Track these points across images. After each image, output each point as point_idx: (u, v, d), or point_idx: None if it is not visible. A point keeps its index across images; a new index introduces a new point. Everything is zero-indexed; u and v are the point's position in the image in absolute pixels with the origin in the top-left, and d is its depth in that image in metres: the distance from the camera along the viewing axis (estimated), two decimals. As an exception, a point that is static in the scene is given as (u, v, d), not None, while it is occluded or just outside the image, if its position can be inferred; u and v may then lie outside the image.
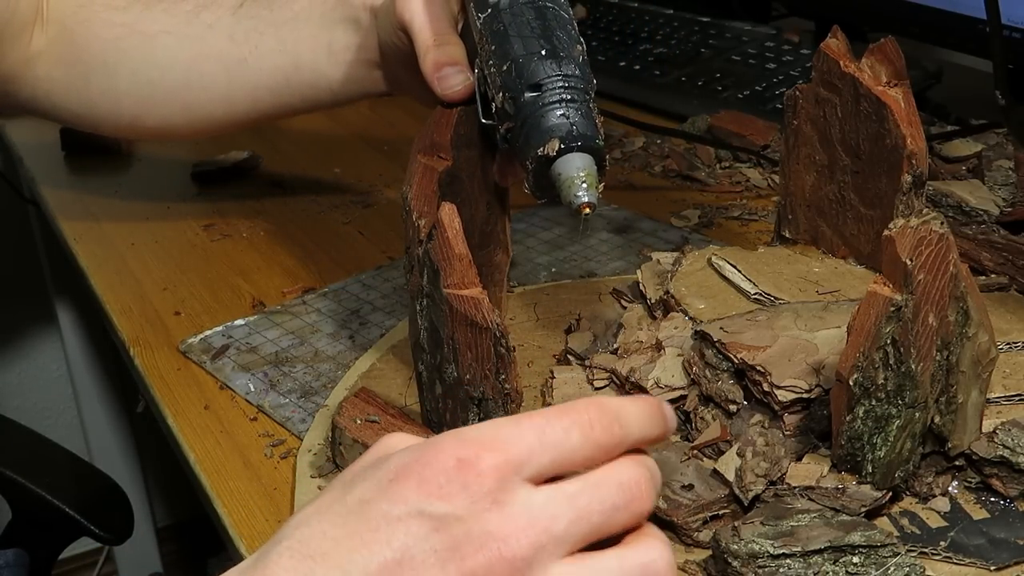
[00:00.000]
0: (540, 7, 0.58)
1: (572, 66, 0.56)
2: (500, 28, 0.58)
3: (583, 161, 0.54)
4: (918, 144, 0.64)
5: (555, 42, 0.57)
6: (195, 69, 0.76)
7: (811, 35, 1.20)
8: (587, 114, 0.55)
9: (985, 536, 0.51)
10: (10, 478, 0.99)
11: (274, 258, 0.87)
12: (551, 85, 0.55)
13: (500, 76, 0.57)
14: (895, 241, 0.48)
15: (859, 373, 0.50)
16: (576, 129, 0.54)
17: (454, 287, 0.52)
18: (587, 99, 0.56)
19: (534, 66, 0.55)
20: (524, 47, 0.56)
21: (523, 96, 0.55)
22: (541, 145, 0.54)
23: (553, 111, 0.54)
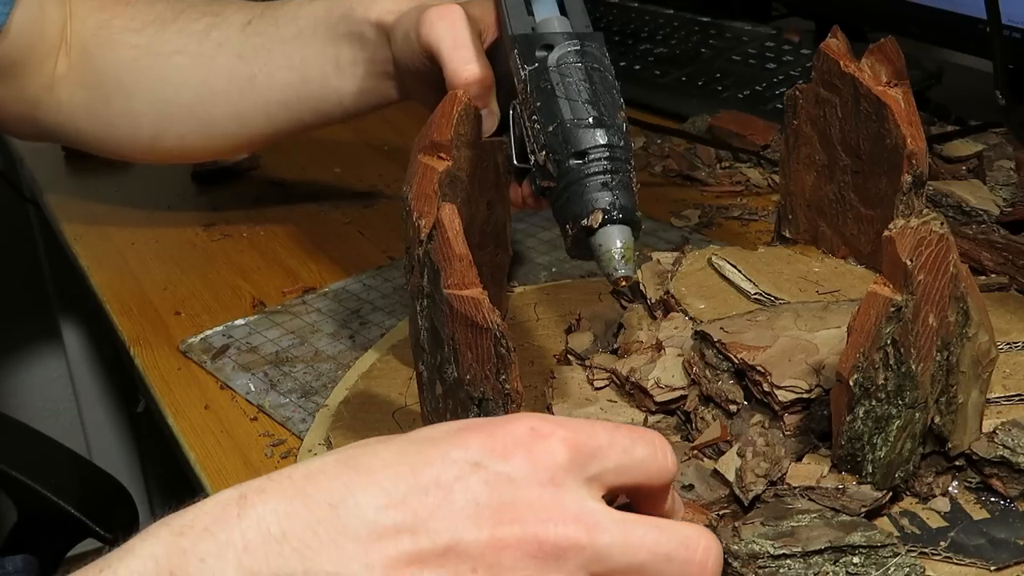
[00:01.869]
0: (589, 69, 0.59)
1: (617, 136, 0.56)
2: (547, 87, 0.58)
3: (623, 235, 0.54)
4: (918, 144, 0.64)
5: (602, 109, 0.57)
6: (207, 87, 0.78)
7: (811, 35, 1.20)
8: (628, 185, 0.56)
9: (985, 536, 0.51)
10: (17, 479, 0.99)
11: (274, 258, 0.87)
12: (597, 155, 0.55)
13: (544, 135, 0.57)
14: (895, 241, 0.48)
15: (859, 373, 0.50)
16: (619, 202, 0.55)
17: (454, 287, 0.52)
18: (628, 169, 0.56)
19: (581, 134, 0.56)
20: (572, 111, 0.57)
21: (568, 162, 0.56)
22: (584, 215, 0.55)
23: (596, 181, 0.55)
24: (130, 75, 0.79)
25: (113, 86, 0.80)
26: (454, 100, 0.61)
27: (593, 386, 0.62)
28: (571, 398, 0.61)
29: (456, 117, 0.61)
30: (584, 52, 0.59)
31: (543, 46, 0.60)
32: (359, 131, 1.15)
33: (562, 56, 0.59)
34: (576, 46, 0.59)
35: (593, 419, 0.39)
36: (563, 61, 0.59)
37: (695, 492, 0.53)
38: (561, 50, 0.59)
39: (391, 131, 1.15)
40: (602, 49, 0.60)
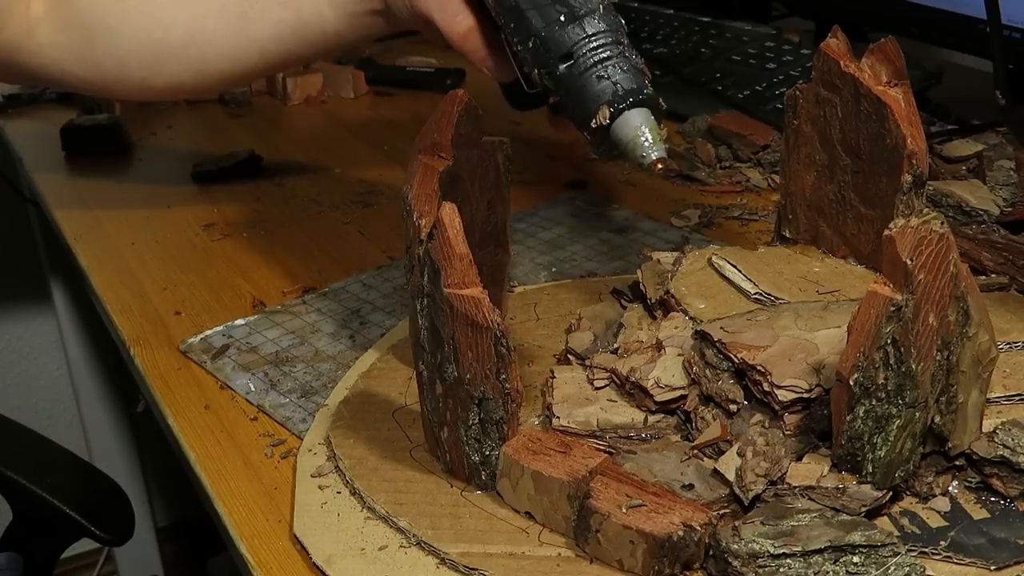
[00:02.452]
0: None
1: (596, 20, 0.54)
2: (512, 4, 0.56)
3: (638, 118, 0.53)
4: (918, 144, 0.64)
5: (571, 2, 0.55)
6: (197, 26, 0.76)
7: (811, 35, 1.20)
8: (627, 66, 0.54)
9: (985, 536, 0.51)
10: (11, 479, 0.99)
11: (274, 258, 0.87)
12: (581, 50, 0.54)
13: (528, 53, 0.56)
14: (895, 241, 0.48)
15: (859, 373, 0.50)
16: (620, 88, 0.53)
17: (455, 287, 0.52)
18: (622, 48, 0.54)
19: (558, 36, 0.54)
20: (542, 17, 0.55)
21: (558, 69, 0.54)
22: (592, 116, 0.53)
23: (591, 77, 0.53)
24: (115, 15, 0.77)
25: (98, 27, 0.78)
26: (454, 100, 0.61)
27: (593, 386, 0.62)
28: (571, 398, 0.61)
29: (456, 117, 0.61)
30: None
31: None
32: (359, 131, 1.15)
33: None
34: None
35: None
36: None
37: (695, 492, 0.53)
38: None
39: (391, 131, 1.15)
40: None
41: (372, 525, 0.55)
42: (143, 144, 1.14)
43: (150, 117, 1.21)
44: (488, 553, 0.52)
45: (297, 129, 1.18)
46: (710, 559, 0.50)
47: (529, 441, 0.54)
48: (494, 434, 0.54)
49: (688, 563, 0.50)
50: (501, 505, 0.55)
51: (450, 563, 0.51)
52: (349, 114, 1.21)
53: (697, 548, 0.50)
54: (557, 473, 0.52)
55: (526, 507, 0.54)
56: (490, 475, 0.55)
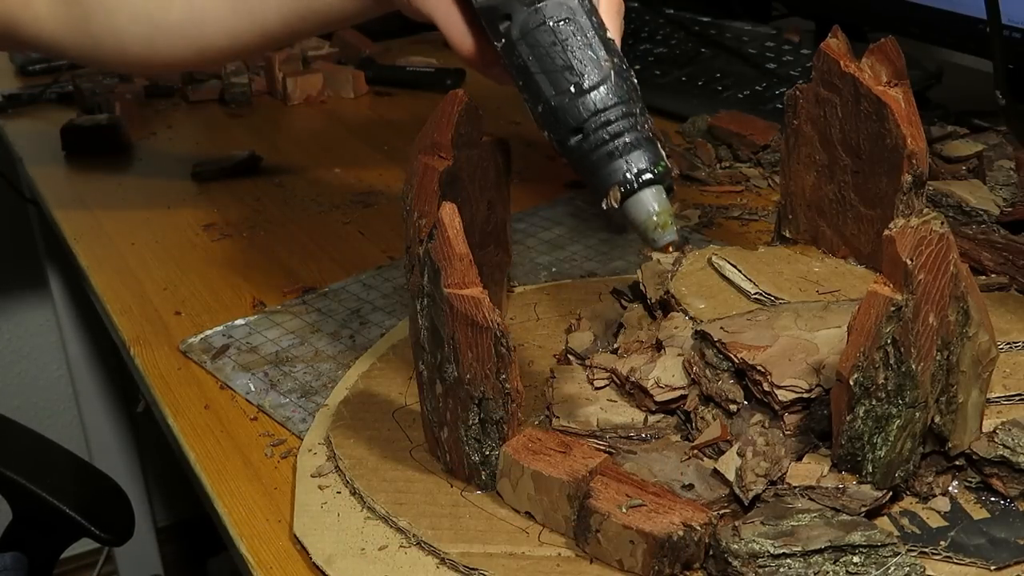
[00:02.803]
0: (555, 28, 0.53)
1: (608, 93, 0.52)
2: (520, 63, 0.54)
3: (649, 201, 0.51)
4: (918, 144, 0.64)
5: (582, 70, 0.52)
6: (197, 4, 0.74)
7: (811, 35, 1.20)
8: (640, 140, 0.51)
9: (985, 536, 0.51)
10: (11, 479, 0.99)
11: (274, 258, 0.87)
12: (592, 125, 0.51)
13: (536, 115, 0.53)
14: (895, 241, 0.48)
15: (859, 373, 0.50)
16: (632, 167, 0.51)
17: (455, 286, 0.52)
18: (634, 120, 0.52)
19: (568, 108, 0.52)
20: (551, 85, 0.52)
21: (568, 141, 0.52)
22: (602, 196, 0.51)
23: (602, 154, 0.51)
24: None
25: (92, 4, 0.76)
26: (454, 100, 0.61)
27: (593, 386, 0.62)
28: (571, 398, 0.61)
29: (456, 117, 0.61)
30: (546, 9, 0.53)
31: (503, 16, 0.54)
32: (359, 131, 1.15)
33: (523, 25, 0.54)
34: (535, 10, 0.53)
35: None
36: (526, 30, 0.54)
37: (695, 492, 0.53)
38: (520, 18, 0.54)
39: (391, 131, 1.15)
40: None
41: (372, 525, 0.55)
42: (143, 144, 1.14)
43: (150, 117, 1.21)
44: (488, 553, 0.52)
45: (297, 129, 1.18)
46: (710, 559, 0.50)
47: (529, 441, 0.54)
48: (494, 434, 0.54)
49: (688, 563, 0.50)
50: (501, 505, 0.55)
51: (450, 563, 0.51)
52: (349, 114, 1.21)
53: (697, 548, 0.50)
54: (557, 473, 0.52)
55: (526, 507, 0.54)
56: (490, 475, 0.55)
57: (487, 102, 0.63)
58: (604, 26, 0.54)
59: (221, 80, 1.25)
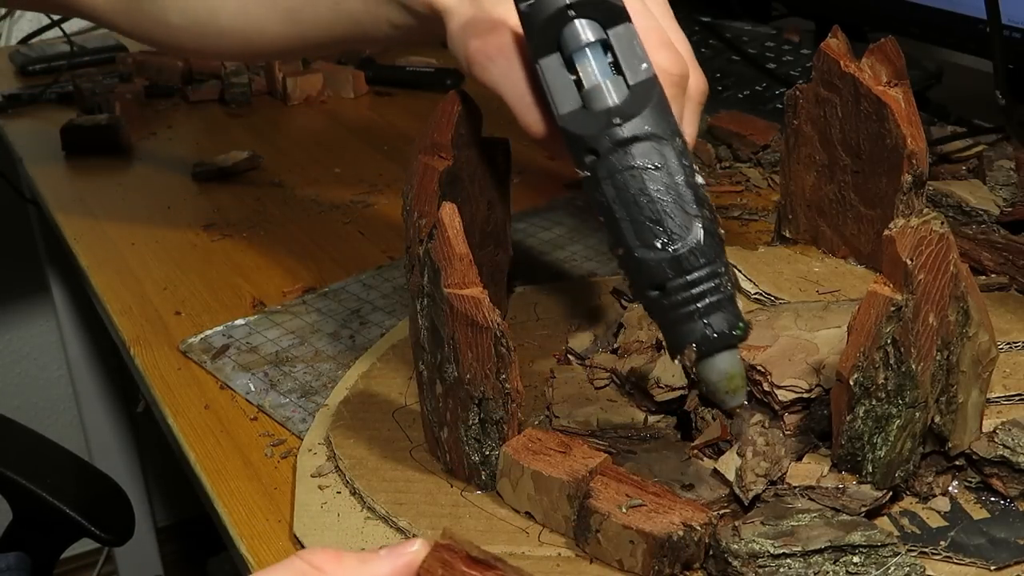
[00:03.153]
0: (645, 175, 0.49)
1: (695, 255, 0.49)
2: (604, 202, 0.50)
3: (724, 364, 0.49)
4: (918, 144, 0.64)
5: (670, 226, 0.49)
6: (245, 12, 0.73)
7: (811, 35, 1.20)
8: (722, 301, 0.49)
9: (985, 536, 0.51)
10: (11, 479, 0.99)
11: (274, 258, 0.87)
12: (674, 284, 0.49)
13: (614, 252, 0.51)
14: (895, 241, 0.48)
15: (859, 373, 0.50)
16: (711, 331, 0.49)
17: (455, 286, 0.52)
18: (718, 279, 0.49)
19: (652, 264, 0.49)
20: (636, 235, 0.49)
21: (647, 293, 0.50)
22: (676, 351, 0.50)
23: (681, 314, 0.49)
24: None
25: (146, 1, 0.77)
26: (454, 100, 0.61)
27: (593, 386, 0.62)
28: (571, 398, 0.61)
29: (456, 117, 0.61)
30: (638, 152, 0.49)
31: (588, 150, 0.50)
32: (359, 131, 1.15)
33: (611, 167, 0.50)
34: (625, 152, 0.49)
35: None
36: (613, 171, 0.50)
37: (695, 492, 0.53)
38: (609, 158, 0.50)
39: (391, 131, 1.15)
40: (662, 120, 0.50)
41: (372, 525, 0.55)
42: (143, 144, 1.14)
43: (150, 117, 1.21)
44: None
45: (297, 129, 1.18)
46: (710, 559, 0.50)
47: (529, 441, 0.54)
48: (494, 434, 0.54)
49: (688, 563, 0.50)
50: (501, 505, 0.55)
51: (450, 563, 0.51)
52: (349, 114, 1.21)
53: (697, 548, 0.50)
54: (557, 473, 0.52)
55: (526, 507, 0.54)
56: (490, 475, 0.55)
57: (487, 102, 0.63)
58: (695, 169, 0.50)
59: (221, 80, 1.25)
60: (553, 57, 0.51)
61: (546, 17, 0.50)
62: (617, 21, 0.51)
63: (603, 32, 0.51)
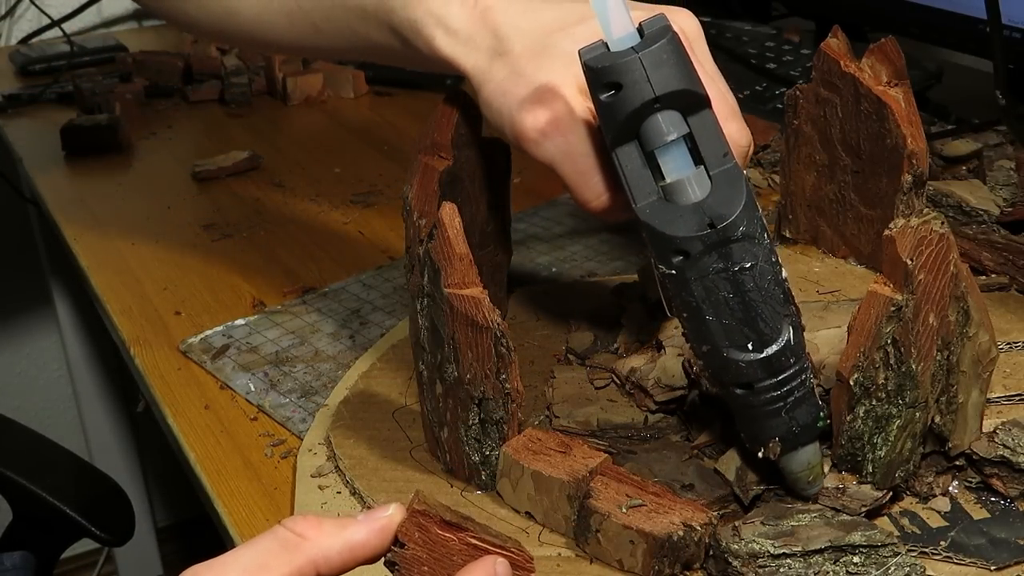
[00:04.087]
0: (738, 276, 0.48)
1: (785, 356, 0.48)
2: (691, 302, 0.48)
3: (807, 456, 0.50)
4: (918, 144, 0.64)
5: (760, 327, 0.48)
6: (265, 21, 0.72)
7: (811, 35, 1.20)
8: (806, 396, 0.50)
9: (985, 536, 0.51)
10: (11, 479, 0.99)
11: (274, 258, 0.87)
12: (762, 384, 0.49)
13: (698, 352, 0.50)
14: (895, 241, 0.48)
15: (860, 373, 0.50)
16: (796, 426, 0.49)
17: (455, 286, 0.52)
18: (804, 374, 0.49)
19: (742, 365, 0.48)
20: (725, 334, 0.48)
21: (732, 391, 0.50)
22: (760, 444, 0.50)
23: (767, 411, 0.49)
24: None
25: None
26: (454, 100, 0.61)
27: (593, 386, 0.62)
28: (571, 398, 0.61)
29: (456, 117, 0.61)
30: (730, 254, 0.47)
31: (677, 251, 0.48)
32: (359, 131, 1.15)
33: (702, 268, 0.48)
34: (718, 255, 0.47)
35: None
36: (704, 273, 0.48)
37: (695, 492, 0.53)
38: (700, 260, 0.48)
39: (391, 131, 1.15)
40: (751, 217, 0.47)
41: (372, 525, 0.54)
42: (143, 144, 1.14)
43: (150, 117, 1.21)
44: (488, 553, 0.51)
45: (297, 129, 1.18)
46: (710, 559, 0.50)
47: (529, 441, 0.54)
48: (494, 434, 0.54)
49: (688, 563, 0.50)
50: (501, 505, 0.55)
51: (450, 563, 0.51)
52: (349, 114, 1.21)
53: (697, 548, 0.50)
54: (557, 473, 0.52)
55: (526, 507, 0.54)
56: (490, 475, 0.55)
57: (487, 102, 0.63)
58: (781, 266, 0.49)
59: (221, 80, 1.25)
60: (631, 146, 0.49)
61: (630, 112, 0.47)
62: (699, 108, 0.48)
63: (684, 123, 0.48)
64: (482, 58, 0.56)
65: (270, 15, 0.72)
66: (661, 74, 0.47)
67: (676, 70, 0.47)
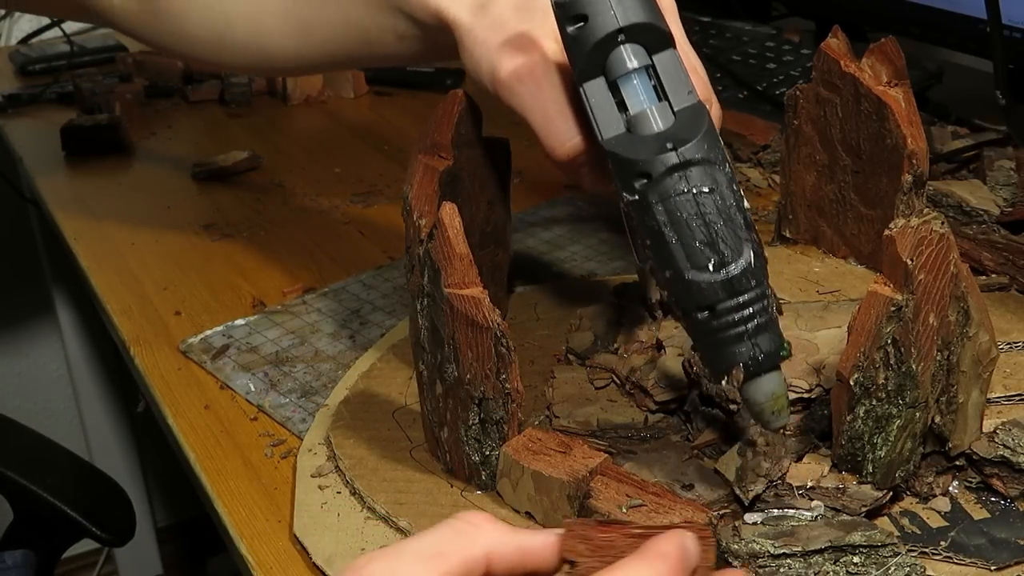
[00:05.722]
0: (699, 198, 0.49)
1: (746, 277, 0.49)
2: (653, 226, 0.50)
3: (770, 385, 0.50)
4: (918, 144, 0.64)
5: (721, 248, 0.49)
6: (260, 24, 0.73)
7: (811, 35, 1.20)
8: (769, 322, 0.50)
9: (985, 536, 0.51)
10: (12, 479, 0.99)
11: (274, 258, 0.87)
12: (725, 306, 0.49)
13: (662, 278, 0.51)
14: (896, 241, 0.48)
15: (860, 373, 0.50)
16: (759, 351, 0.50)
17: (455, 286, 0.52)
18: (765, 300, 0.50)
19: (703, 286, 0.49)
20: (687, 257, 0.49)
21: (695, 315, 0.50)
22: (723, 372, 0.50)
23: (730, 335, 0.50)
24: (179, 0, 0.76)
25: (162, 6, 0.77)
26: (454, 100, 0.61)
27: (593, 386, 0.62)
28: (571, 398, 0.61)
29: (456, 117, 0.61)
30: (692, 177, 0.49)
31: (640, 174, 0.50)
32: (359, 131, 1.15)
33: (664, 190, 0.49)
34: (679, 176, 0.49)
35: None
36: (666, 195, 0.49)
37: (695, 492, 0.53)
38: (663, 182, 0.49)
39: (391, 131, 1.15)
40: (713, 145, 0.50)
41: (372, 525, 0.55)
42: (143, 144, 1.14)
43: (150, 117, 1.21)
44: (488, 553, 0.51)
45: (297, 129, 1.18)
46: (710, 559, 0.50)
47: (529, 441, 0.54)
48: (494, 434, 0.54)
49: (688, 563, 0.50)
50: (501, 505, 0.55)
51: (450, 563, 0.51)
52: (349, 114, 1.21)
53: (697, 548, 0.50)
54: (557, 473, 0.52)
55: (526, 507, 0.54)
56: (490, 475, 0.55)
57: (487, 102, 0.63)
58: (742, 195, 0.51)
59: (221, 80, 1.25)
60: (598, 81, 0.51)
61: (596, 42, 0.50)
62: (663, 47, 0.50)
63: (648, 58, 0.50)
64: (467, 9, 0.59)
65: (265, 18, 0.73)
66: (625, 6, 0.49)
67: (640, 5, 0.50)
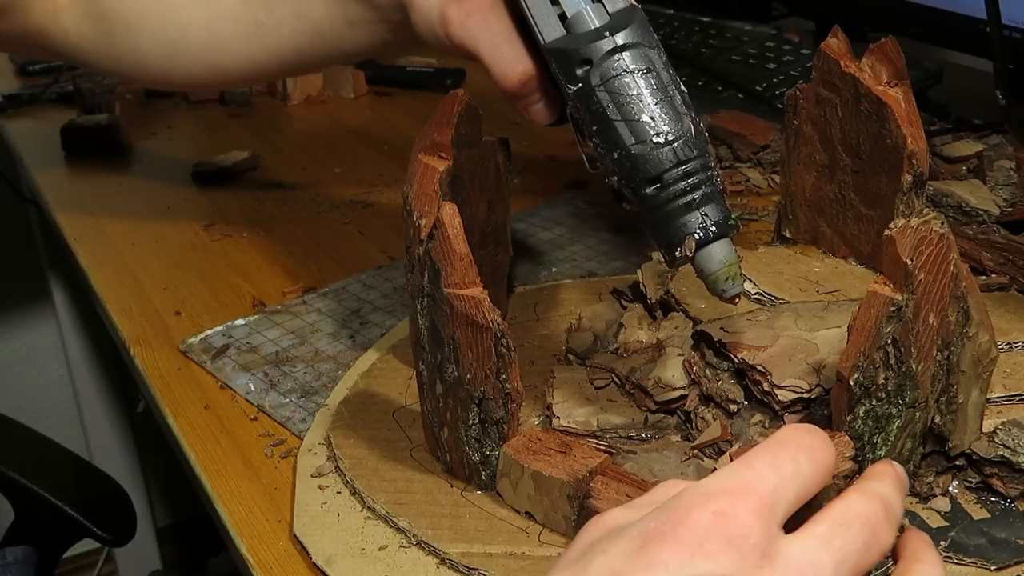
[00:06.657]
0: (639, 77, 0.52)
1: (688, 145, 0.52)
2: (598, 109, 0.53)
3: (722, 252, 0.52)
4: (918, 144, 0.64)
5: (664, 120, 0.52)
6: (213, 30, 0.75)
7: (811, 35, 1.20)
8: (714, 193, 0.52)
9: (985, 536, 0.51)
10: (13, 479, 0.99)
11: (274, 258, 0.87)
12: (671, 177, 0.52)
13: (611, 162, 0.53)
14: (896, 241, 0.48)
15: (860, 373, 0.50)
16: (708, 220, 0.51)
17: (455, 286, 0.52)
18: (709, 171, 0.52)
19: (649, 159, 0.52)
20: (632, 133, 0.52)
21: (644, 190, 0.52)
22: (675, 244, 0.52)
23: (679, 205, 0.52)
24: (132, 12, 0.77)
25: (117, 22, 0.78)
26: (454, 100, 0.61)
27: (593, 386, 0.62)
28: (571, 398, 0.61)
29: (456, 117, 0.61)
30: (629, 58, 0.53)
31: (581, 61, 0.53)
32: (359, 131, 1.15)
33: (605, 72, 0.53)
34: (618, 58, 0.53)
35: (747, 456, 0.37)
36: (607, 77, 0.53)
37: (695, 492, 0.53)
38: (602, 65, 0.53)
39: (391, 131, 1.15)
40: (646, 34, 0.53)
41: (372, 525, 0.55)
42: (143, 144, 1.14)
43: (150, 117, 1.21)
44: (488, 553, 0.52)
45: (297, 129, 1.18)
46: (710, 559, 0.50)
47: (529, 441, 0.54)
48: (494, 434, 0.54)
49: (688, 563, 0.50)
50: (501, 505, 0.55)
51: (450, 563, 0.51)
52: (349, 114, 1.21)
53: (697, 548, 0.49)
54: (557, 473, 0.52)
55: (526, 507, 0.54)
56: (490, 475, 0.55)
57: (487, 102, 0.63)
58: (679, 79, 0.54)
59: (221, 80, 1.25)
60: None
61: None
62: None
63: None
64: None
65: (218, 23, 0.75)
66: None
67: None
